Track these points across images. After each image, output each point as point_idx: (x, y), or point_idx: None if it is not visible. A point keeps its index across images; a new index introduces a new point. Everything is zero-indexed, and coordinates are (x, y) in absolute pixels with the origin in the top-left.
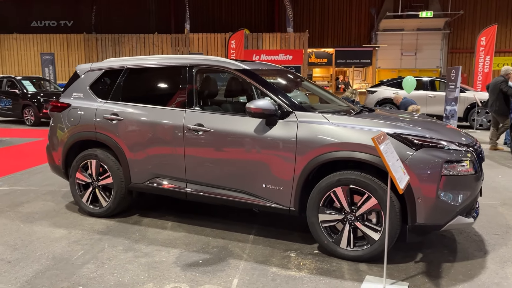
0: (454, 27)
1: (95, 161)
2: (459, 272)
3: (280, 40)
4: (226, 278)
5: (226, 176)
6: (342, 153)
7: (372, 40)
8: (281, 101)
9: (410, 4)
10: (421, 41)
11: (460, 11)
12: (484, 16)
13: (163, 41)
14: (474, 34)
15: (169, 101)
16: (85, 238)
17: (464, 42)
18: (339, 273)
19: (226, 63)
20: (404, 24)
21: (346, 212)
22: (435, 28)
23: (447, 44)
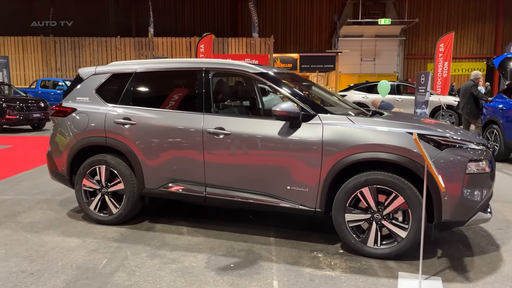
0: (410, 34)
1: (104, 166)
2: (481, 265)
3: (245, 44)
4: (265, 281)
5: (249, 178)
6: (369, 154)
7: (334, 46)
8: (304, 104)
9: (369, 11)
10: (379, 47)
11: (415, 19)
12: (436, 25)
13: (126, 45)
14: (428, 41)
15: (185, 105)
16: (102, 247)
17: (418, 48)
18: (372, 271)
19: (245, 66)
20: (363, 31)
21: (373, 211)
22: (392, 35)
23: (404, 50)
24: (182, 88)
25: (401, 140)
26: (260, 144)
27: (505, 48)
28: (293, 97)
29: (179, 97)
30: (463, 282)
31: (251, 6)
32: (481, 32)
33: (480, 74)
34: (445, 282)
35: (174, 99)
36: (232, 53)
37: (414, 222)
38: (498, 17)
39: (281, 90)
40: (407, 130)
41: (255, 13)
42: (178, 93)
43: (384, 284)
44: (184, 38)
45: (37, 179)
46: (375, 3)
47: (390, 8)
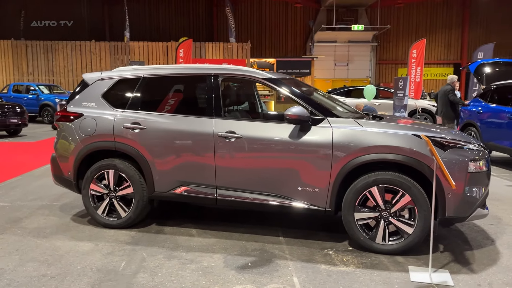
0: (381, 40)
1: (112, 171)
2: (482, 258)
3: (222, 49)
4: (285, 277)
5: (260, 180)
6: (377, 155)
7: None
8: (313, 108)
9: (341, 17)
10: (352, 53)
11: (387, 25)
12: (406, 31)
13: (101, 49)
14: (398, 47)
15: (194, 109)
16: (117, 250)
17: (389, 54)
18: (383, 266)
19: (254, 72)
20: (337, 37)
21: (381, 209)
22: (364, 41)
23: (376, 55)
24: (191, 93)
25: (407, 142)
26: (271, 147)
27: (472, 54)
28: (302, 102)
29: (188, 102)
30: (468, 274)
31: (227, 11)
32: (448, 39)
33: (456, 78)
34: (452, 274)
35: (183, 104)
36: (209, 57)
37: (420, 219)
38: (463, 25)
39: (290, 95)
40: (413, 133)
41: (232, 18)
42: (187, 98)
43: (397, 278)
44: (160, 43)
45: (29, 185)
46: (348, 9)
47: (362, 15)
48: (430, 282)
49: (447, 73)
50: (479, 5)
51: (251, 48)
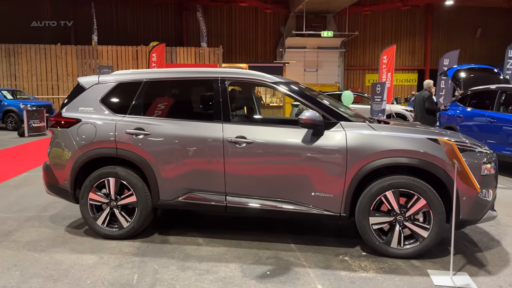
0: (349, 46)
1: (114, 179)
2: (493, 259)
3: (194, 54)
4: (309, 286)
5: (271, 186)
6: (391, 159)
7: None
8: (325, 112)
9: (310, 24)
10: (321, 59)
11: (355, 32)
12: (372, 38)
13: (67, 53)
14: (365, 53)
15: (201, 114)
16: (125, 262)
17: (357, 60)
18: (402, 270)
19: (261, 76)
20: (306, 43)
21: (396, 213)
22: (333, 47)
23: (344, 61)
24: (197, 98)
25: (423, 145)
26: (284, 152)
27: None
28: (314, 106)
29: (194, 107)
30: (487, 276)
31: (199, 16)
32: (412, 45)
33: (432, 83)
34: (471, 276)
35: (189, 108)
36: (181, 62)
37: (435, 222)
38: (426, 32)
39: (300, 99)
40: (427, 136)
41: (203, 23)
42: (193, 103)
43: (420, 282)
44: (130, 47)
45: (8, 196)
46: (317, 16)
47: (331, 21)
48: (453, 286)
49: (412, 79)
50: (440, 13)
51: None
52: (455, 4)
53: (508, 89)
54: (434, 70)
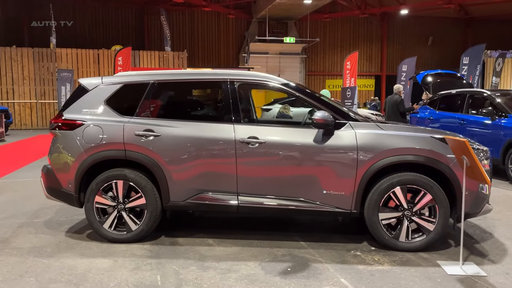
0: (310, 52)
1: (122, 181)
2: (492, 249)
3: (158, 58)
4: (333, 280)
5: (284, 185)
6: (399, 157)
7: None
8: (335, 112)
9: (272, 30)
10: (283, 64)
11: (317, 38)
12: (332, 44)
13: (23, 55)
14: (325, 59)
15: (211, 115)
16: (142, 264)
17: (317, 65)
18: (414, 262)
19: (270, 78)
20: (269, 48)
21: (404, 209)
22: (294, 53)
23: (305, 67)
24: (206, 99)
25: (427, 144)
26: (295, 152)
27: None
28: (323, 106)
29: (203, 108)
30: (492, 264)
31: (162, 20)
32: (369, 52)
33: (401, 87)
34: (478, 265)
35: (198, 110)
36: (144, 66)
37: (441, 216)
38: (383, 39)
39: (311, 100)
40: (431, 135)
41: (167, 27)
42: (202, 104)
43: (434, 272)
44: (91, 50)
45: None
46: (278, 22)
47: (292, 28)
48: (466, 274)
49: (369, 84)
50: (395, 22)
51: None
52: (409, 13)
53: (476, 93)
54: (390, 75)
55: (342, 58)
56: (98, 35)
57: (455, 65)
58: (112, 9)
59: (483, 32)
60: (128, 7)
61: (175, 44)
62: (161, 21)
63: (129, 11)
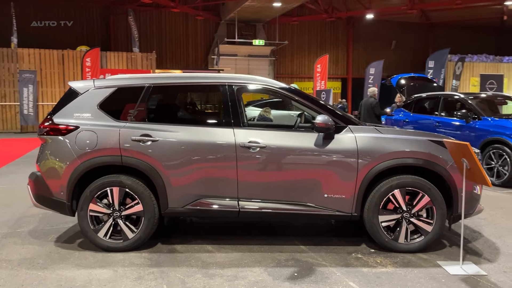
0: (278, 55)
1: (118, 188)
2: (484, 248)
3: (126, 59)
4: (342, 283)
5: (285, 190)
6: (398, 160)
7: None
8: (334, 116)
9: (241, 32)
10: (252, 66)
11: (285, 41)
12: (300, 47)
13: None
14: (293, 62)
15: (210, 119)
16: (144, 274)
17: (285, 68)
18: (415, 263)
19: (269, 82)
20: (238, 50)
21: (403, 210)
22: (263, 55)
23: (274, 69)
24: (205, 103)
25: (425, 147)
26: (296, 156)
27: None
28: (322, 110)
29: (201, 112)
30: (488, 263)
31: (130, 20)
32: (336, 55)
33: (376, 90)
34: (476, 265)
35: (196, 114)
36: (111, 67)
37: (438, 217)
38: (348, 43)
39: (310, 104)
40: (428, 138)
41: (135, 28)
42: (200, 108)
43: (437, 273)
44: (55, 51)
45: None
46: (247, 24)
47: (260, 30)
48: (467, 274)
49: (336, 87)
50: (360, 26)
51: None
52: (374, 17)
53: (450, 96)
54: (356, 78)
55: (309, 61)
56: (61, 35)
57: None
58: (76, 9)
59: (443, 37)
60: (93, 6)
61: (143, 45)
62: (129, 21)
63: (94, 11)
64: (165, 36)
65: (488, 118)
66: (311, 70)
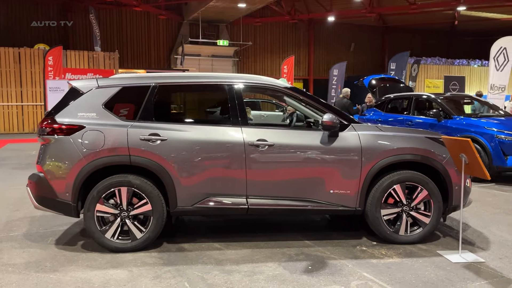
0: (241, 55)
1: (126, 188)
2: (474, 238)
3: (87, 58)
4: (356, 274)
5: (293, 186)
6: (399, 157)
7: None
8: (338, 115)
9: (204, 32)
10: (215, 67)
11: (249, 42)
12: (262, 48)
13: None
14: (256, 62)
15: (217, 118)
16: (161, 272)
17: (249, 69)
18: (418, 254)
19: (275, 82)
20: (201, 50)
21: (403, 204)
22: (226, 56)
23: (237, 70)
24: (212, 102)
25: (423, 143)
26: (304, 153)
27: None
28: (327, 109)
29: (208, 111)
30: (483, 251)
31: (92, 18)
32: (298, 57)
33: (349, 90)
34: (473, 253)
35: (203, 113)
36: (72, 66)
37: (435, 210)
38: (310, 45)
39: (315, 103)
40: (425, 135)
41: (96, 26)
42: (207, 107)
43: (440, 262)
44: (11, 48)
45: None
46: (210, 25)
47: (224, 31)
48: (467, 261)
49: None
50: (321, 28)
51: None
52: (334, 20)
53: (419, 96)
54: (317, 79)
55: (272, 62)
56: (16, 32)
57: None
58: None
59: (398, 40)
60: (50, 3)
61: (103, 44)
62: (90, 19)
63: (51, 7)
64: (125, 35)
65: (459, 117)
66: (274, 71)
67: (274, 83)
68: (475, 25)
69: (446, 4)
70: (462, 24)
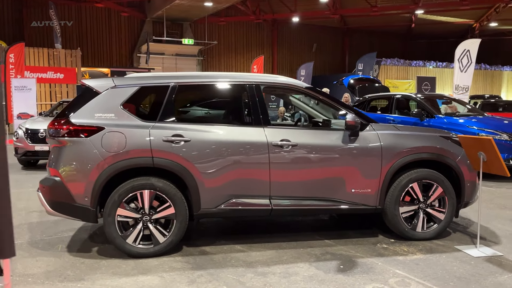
0: (206, 54)
1: (148, 191)
2: (482, 231)
3: (47, 56)
4: (389, 272)
5: (316, 186)
6: (416, 155)
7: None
8: (358, 115)
9: (168, 30)
10: (179, 66)
11: (214, 41)
12: (227, 48)
13: None
14: (220, 61)
15: (239, 119)
16: (195, 277)
17: (213, 68)
18: (438, 249)
19: (294, 82)
20: (165, 49)
21: (420, 201)
22: (191, 55)
23: (202, 69)
24: (233, 102)
25: (438, 142)
26: (326, 153)
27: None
28: (346, 109)
29: (231, 112)
30: (496, 245)
31: (52, 14)
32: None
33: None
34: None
35: (225, 113)
36: (31, 64)
37: (450, 206)
38: (273, 45)
39: (335, 104)
40: (440, 134)
41: (57, 22)
42: (228, 108)
43: (463, 256)
44: None
45: None
46: (173, 23)
47: (188, 29)
48: (487, 255)
49: None
50: (284, 28)
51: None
52: (298, 21)
53: (403, 96)
54: None
55: (237, 62)
56: None
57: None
58: None
59: (359, 41)
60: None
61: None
62: (50, 15)
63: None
64: (85, 32)
65: (440, 116)
66: (238, 71)
67: (294, 83)
68: (429, 28)
69: (405, 7)
70: (418, 27)
